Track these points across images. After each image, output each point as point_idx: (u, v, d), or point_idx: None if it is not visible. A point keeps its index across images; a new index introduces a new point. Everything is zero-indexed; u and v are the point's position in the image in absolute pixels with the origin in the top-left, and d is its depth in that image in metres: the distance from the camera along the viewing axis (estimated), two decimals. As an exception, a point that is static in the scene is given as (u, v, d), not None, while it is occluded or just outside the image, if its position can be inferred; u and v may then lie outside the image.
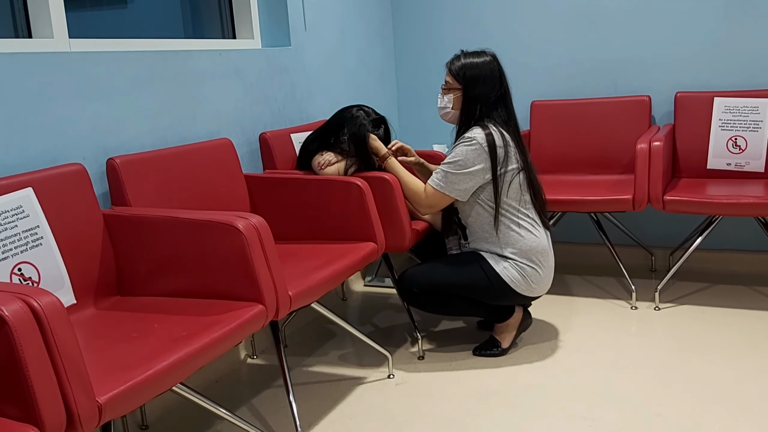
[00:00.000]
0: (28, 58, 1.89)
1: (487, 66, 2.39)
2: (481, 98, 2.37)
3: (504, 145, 2.32)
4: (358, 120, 2.53)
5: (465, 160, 2.32)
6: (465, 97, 2.40)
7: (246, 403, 2.30)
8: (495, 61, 2.42)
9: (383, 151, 2.50)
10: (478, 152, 2.31)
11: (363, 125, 2.52)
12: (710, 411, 2.05)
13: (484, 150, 2.30)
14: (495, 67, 2.40)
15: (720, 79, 3.16)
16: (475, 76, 2.38)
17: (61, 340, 1.25)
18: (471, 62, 2.40)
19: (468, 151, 2.32)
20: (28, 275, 1.70)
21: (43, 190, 1.81)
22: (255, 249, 1.78)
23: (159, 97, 2.31)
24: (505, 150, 2.32)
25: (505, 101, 2.40)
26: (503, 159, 2.32)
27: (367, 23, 3.53)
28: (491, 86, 2.38)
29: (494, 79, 2.38)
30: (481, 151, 2.31)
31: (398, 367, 2.49)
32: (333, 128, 2.58)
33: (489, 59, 2.41)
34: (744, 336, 2.55)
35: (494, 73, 2.39)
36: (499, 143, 2.31)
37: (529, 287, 2.38)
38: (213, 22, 2.98)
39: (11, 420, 1.24)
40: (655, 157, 2.71)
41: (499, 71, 2.40)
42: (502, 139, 2.32)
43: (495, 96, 2.38)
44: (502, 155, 2.31)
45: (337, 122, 2.58)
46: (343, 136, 2.52)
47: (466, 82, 2.39)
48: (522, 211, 2.37)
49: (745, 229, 3.24)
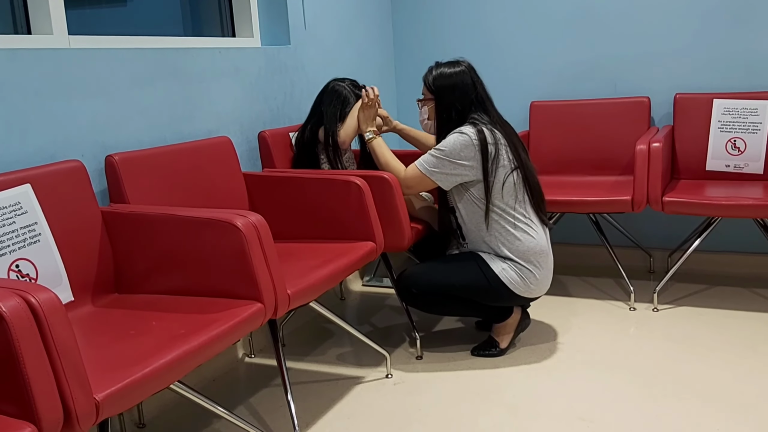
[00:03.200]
0: (27, 54, 1.89)
1: (458, 75, 2.41)
2: (454, 106, 2.40)
3: (495, 143, 2.33)
4: (341, 93, 2.63)
5: (453, 148, 2.34)
6: (437, 107, 2.44)
7: (244, 402, 2.29)
8: (468, 70, 2.43)
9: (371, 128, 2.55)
10: (466, 144, 2.32)
11: (346, 97, 2.63)
12: (708, 412, 2.05)
13: (474, 144, 2.31)
14: (468, 75, 2.42)
15: (719, 80, 3.17)
16: (447, 86, 2.41)
17: (58, 337, 1.25)
18: (442, 72, 2.43)
19: (458, 141, 2.33)
20: (25, 272, 1.70)
21: (41, 187, 1.81)
22: (254, 247, 1.77)
23: (158, 95, 2.31)
24: (495, 147, 2.33)
25: (483, 107, 2.41)
26: (494, 156, 2.32)
27: (366, 22, 3.53)
28: (464, 94, 2.40)
29: (466, 87, 2.40)
30: (470, 144, 2.32)
31: (396, 366, 2.49)
32: (318, 106, 2.67)
33: (462, 69, 2.43)
34: (742, 338, 2.55)
35: (466, 82, 2.40)
36: (490, 140, 2.32)
37: (527, 288, 2.38)
38: (213, 20, 2.98)
39: (8, 417, 1.23)
40: (654, 158, 2.71)
41: (473, 79, 2.42)
42: (493, 136, 2.33)
43: (469, 103, 2.40)
44: (493, 152, 2.32)
45: (320, 100, 2.67)
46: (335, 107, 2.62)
47: (438, 92, 2.43)
48: (519, 211, 2.37)
49: (743, 231, 3.24)
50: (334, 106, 2.61)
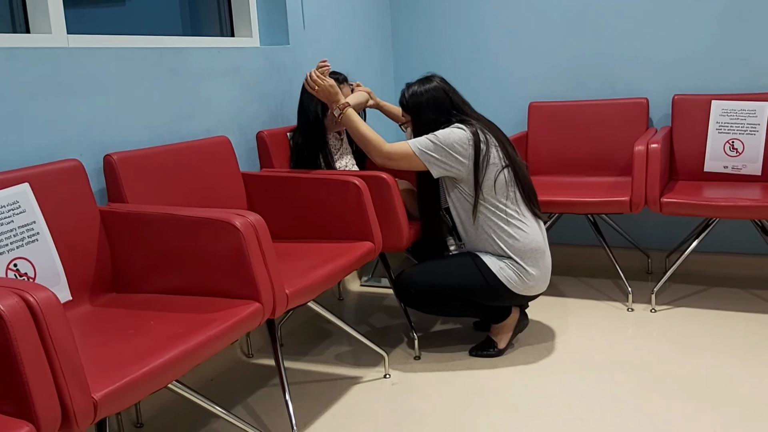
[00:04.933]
0: (25, 53, 1.89)
1: (430, 91, 2.44)
2: (431, 121, 2.43)
3: (486, 141, 2.35)
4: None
5: (449, 138, 2.35)
6: (415, 124, 2.48)
7: (242, 402, 2.29)
8: (440, 83, 2.46)
9: (341, 101, 2.48)
10: (462, 139, 2.34)
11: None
12: (706, 413, 2.05)
13: (469, 140, 2.34)
14: (440, 88, 2.45)
15: (718, 82, 3.17)
16: (420, 103, 2.45)
17: (56, 336, 1.25)
18: (414, 91, 2.47)
19: (454, 133, 2.35)
20: (23, 271, 1.70)
21: (39, 186, 1.81)
22: (252, 247, 1.77)
23: (157, 94, 2.31)
24: (486, 146, 2.35)
25: (463, 112, 2.44)
26: (485, 154, 2.34)
27: (365, 23, 3.53)
28: (440, 106, 2.43)
29: (440, 99, 2.44)
30: (466, 139, 2.33)
31: (394, 367, 2.49)
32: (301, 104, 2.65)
33: (434, 84, 2.46)
34: (740, 339, 2.56)
35: (439, 95, 2.44)
36: (482, 139, 2.35)
37: (525, 286, 2.38)
38: (211, 19, 2.98)
39: (6, 415, 1.23)
40: (652, 159, 2.72)
41: (445, 90, 2.45)
42: (484, 136, 2.36)
43: (447, 113, 2.42)
44: (485, 150, 2.35)
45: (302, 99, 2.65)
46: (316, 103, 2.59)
47: (414, 111, 2.47)
48: (512, 207, 2.37)
49: (741, 232, 3.25)
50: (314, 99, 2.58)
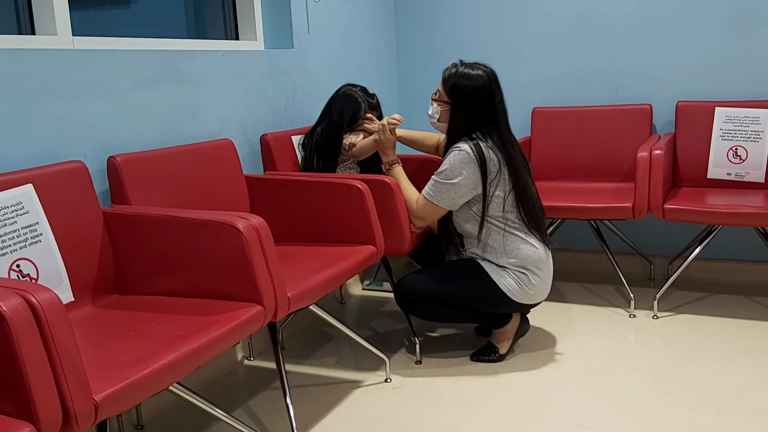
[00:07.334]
0: (31, 54, 1.89)
1: (477, 81, 2.32)
2: (468, 117, 2.33)
3: (497, 162, 2.30)
4: (355, 98, 2.67)
5: (452, 168, 2.31)
6: (452, 114, 2.38)
7: (242, 405, 2.29)
8: (489, 79, 2.33)
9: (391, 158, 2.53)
10: (466, 162, 2.29)
11: (359, 103, 2.67)
12: (707, 420, 2.05)
13: (473, 161, 2.28)
14: (487, 84, 2.32)
15: (721, 88, 3.17)
16: (464, 93, 2.32)
17: (58, 337, 1.25)
18: (463, 73, 2.34)
19: (456, 161, 2.30)
20: (26, 272, 1.70)
21: (43, 187, 1.81)
22: (254, 249, 1.78)
23: (161, 97, 2.31)
24: (498, 168, 2.30)
25: (496, 122, 2.34)
26: (495, 176, 2.29)
27: (369, 27, 3.54)
28: (479, 105, 2.32)
29: (482, 98, 2.32)
30: (470, 161, 2.29)
31: (395, 371, 2.48)
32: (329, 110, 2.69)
33: (481, 74, 2.33)
34: (742, 346, 2.55)
35: (485, 90, 2.31)
36: (488, 157, 2.29)
37: (525, 295, 2.38)
38: (216, 22, 2.98)
39: (7, 416, 1.23)
40: (655, 165, 2.72)
41: (490, 90, 2.32)
42: (494, 154, 2.30)
43: (483, 116, 2.33)
44: (495, 171, 2.29)
45: (332, 103, 2.70)
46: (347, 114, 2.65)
47: (455, 98, 2.35)
48: (518, 224, 2.36)
49: (744, 239, 3.24)
50: (346, 110, 2.64)
